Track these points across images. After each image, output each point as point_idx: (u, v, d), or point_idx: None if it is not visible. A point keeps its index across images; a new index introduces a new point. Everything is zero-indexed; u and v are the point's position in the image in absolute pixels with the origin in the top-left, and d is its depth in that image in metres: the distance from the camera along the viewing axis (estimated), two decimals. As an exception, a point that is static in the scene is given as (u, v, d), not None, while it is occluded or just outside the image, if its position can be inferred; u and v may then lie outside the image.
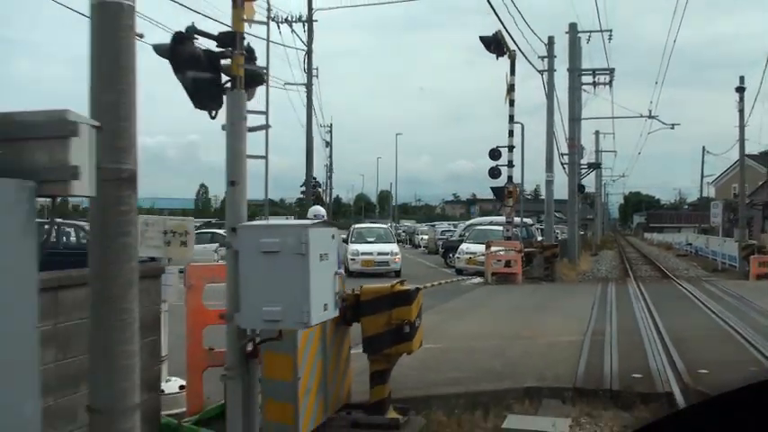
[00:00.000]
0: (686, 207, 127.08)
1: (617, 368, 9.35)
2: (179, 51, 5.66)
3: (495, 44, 21.39)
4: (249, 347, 5.13)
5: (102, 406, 3.87)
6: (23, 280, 3.14)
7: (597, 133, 60.36)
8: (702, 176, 60.83)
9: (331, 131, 58.76)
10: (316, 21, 39.39)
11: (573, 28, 34.86)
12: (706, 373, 9.05)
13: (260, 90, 6.02)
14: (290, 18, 39.22)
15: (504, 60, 23.92)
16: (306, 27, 39.50)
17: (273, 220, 7.72)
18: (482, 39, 21.52)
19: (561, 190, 34.51)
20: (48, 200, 3.44)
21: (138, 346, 3.94)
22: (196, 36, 5.77)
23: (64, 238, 19.95)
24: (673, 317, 14.46)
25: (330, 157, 59.77)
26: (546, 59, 28.17)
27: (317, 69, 40.01)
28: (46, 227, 3.84)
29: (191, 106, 5.69)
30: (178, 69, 5.69)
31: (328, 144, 59.39)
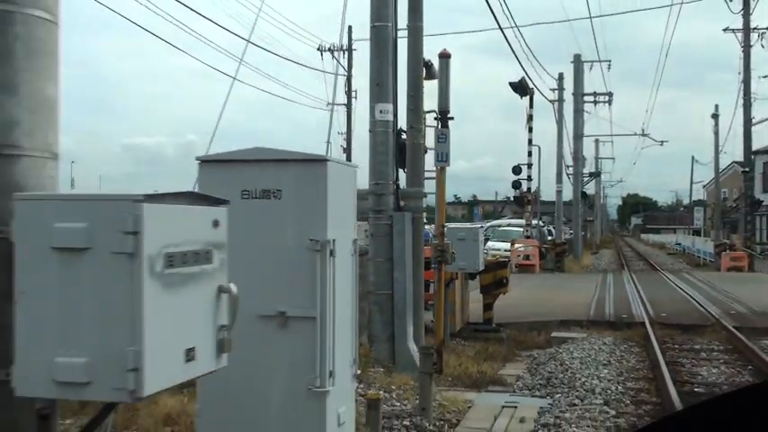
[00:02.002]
0: (682, 209, 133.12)
1: (613, 312, 15.71)
2: (399, 141, 11.91)
3: (520, 88, 27.66)
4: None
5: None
6: (407, 255, 9.43)
7: (597, 141, 66.75)
8: (692, 183, 67.21)
9: (349, 139, 65.05)
10: (355, 50, 45.54)
11: (577, 59, 41.16)
12: (665, 315, 15.35)
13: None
14: (332, 47, 45.39)
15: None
16: (346, 55, 45.66)
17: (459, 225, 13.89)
18: (511, 84, 27.77)
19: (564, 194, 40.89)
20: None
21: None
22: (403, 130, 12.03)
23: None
24: (652, 291, 20.73)
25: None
26: (556, 91, 34.45)
27: (356, 91, 46.21)
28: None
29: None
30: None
31: (345, 149, 66.01)
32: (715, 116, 35.96)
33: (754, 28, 33.31)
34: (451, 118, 8.03)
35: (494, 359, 11.27)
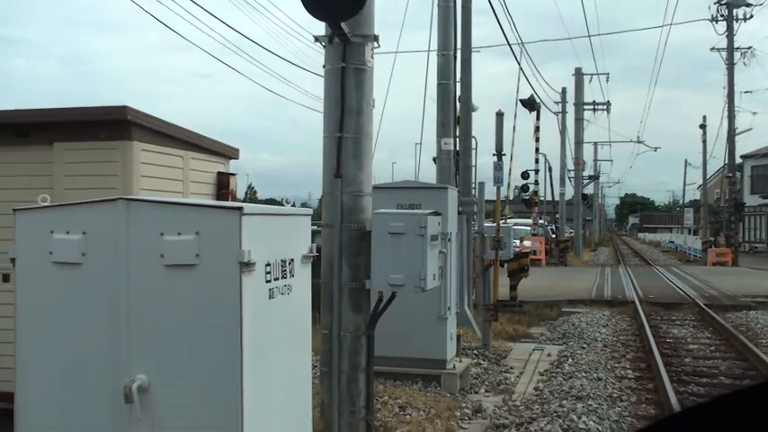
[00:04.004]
0: (678, 209, 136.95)
1: (610, 294, 19.63)
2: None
3: (529, 105, 31.51)
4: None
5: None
6: (464, 246, 13.30)
7: (596, 144, 70.74)
8: (685, 184, 71.24)
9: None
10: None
11: (578, 71, 45.05)
12: (652, 297, 19.25)
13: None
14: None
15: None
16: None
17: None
18: (521, 101, 31.62)
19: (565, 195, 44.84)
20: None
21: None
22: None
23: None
24: (643, 281, 24.65)
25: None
26: (560, 104, 38.34)
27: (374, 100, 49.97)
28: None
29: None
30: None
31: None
32: (703, 126, 39.87)
33: (737, 48, 37.23)
34: (504, 154, 11.88)
35: (521, 324, 15.16)
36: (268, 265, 4.10)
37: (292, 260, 4.43)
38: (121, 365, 3.93)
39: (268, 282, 4.11)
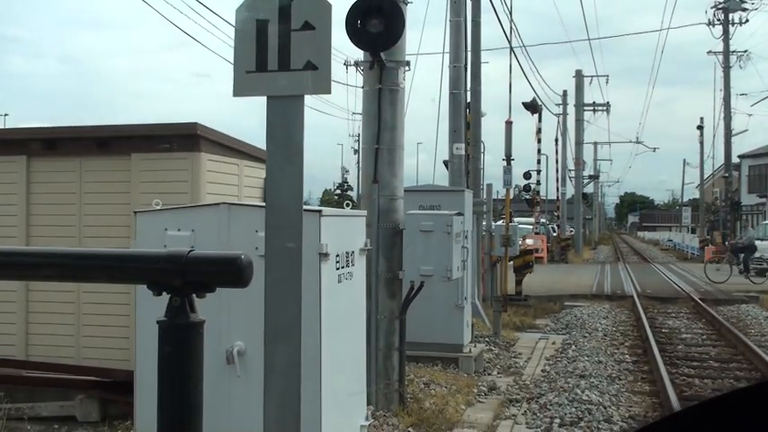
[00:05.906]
0: (677, 208, 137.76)
1: (610, 289, 20.72)
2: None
3: (531, 107, 32.57)
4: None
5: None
6: (475, 243, 14.37)
7: (596, 144, 71.86)
8: (683, 184, 72.34)
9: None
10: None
11: (579, 74, 46.11)
12: (649, 292, 20.32)
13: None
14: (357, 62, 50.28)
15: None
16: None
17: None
18: (524, 104, 32.68)
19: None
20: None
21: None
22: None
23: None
24: (641, 277, 25.72)
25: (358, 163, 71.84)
26: (561, 106, 39.41)
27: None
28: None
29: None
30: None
31: (357, 151, 71.41)
32: (700, 128, 40.95)
33: (733, 51, 38.29)
34: (513, 159, 12.94)
35: (527, 316, 16.21)
36: (338, 255, 5.15)
37: (353, 252, 5.49)
38: (223, 335, 4.98)
39: (337, 269, 5.17)
